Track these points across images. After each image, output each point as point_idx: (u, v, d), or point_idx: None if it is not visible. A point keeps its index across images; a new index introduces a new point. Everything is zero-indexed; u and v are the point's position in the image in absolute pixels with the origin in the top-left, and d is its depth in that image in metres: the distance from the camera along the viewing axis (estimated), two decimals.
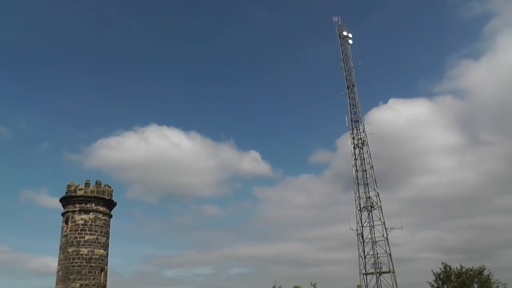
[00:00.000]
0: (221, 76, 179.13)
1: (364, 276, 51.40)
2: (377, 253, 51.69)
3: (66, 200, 29.10)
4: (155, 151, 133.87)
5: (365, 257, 51.92)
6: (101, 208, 29.29)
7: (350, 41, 61.08)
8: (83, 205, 28.69)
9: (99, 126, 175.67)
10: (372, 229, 52.47)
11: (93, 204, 28.95)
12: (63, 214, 29.21)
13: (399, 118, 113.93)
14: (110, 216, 30.24)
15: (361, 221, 53.29)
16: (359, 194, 54.23)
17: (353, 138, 56.45)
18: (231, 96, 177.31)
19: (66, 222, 28.58)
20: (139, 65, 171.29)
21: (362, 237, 52.54)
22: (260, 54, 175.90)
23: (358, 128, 56.63)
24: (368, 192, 53.79)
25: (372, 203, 53.30)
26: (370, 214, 53.08)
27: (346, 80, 59.03)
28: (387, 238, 51.47)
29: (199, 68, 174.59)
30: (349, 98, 58.26)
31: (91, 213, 28.68)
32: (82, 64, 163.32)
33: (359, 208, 53.71)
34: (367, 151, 55.34)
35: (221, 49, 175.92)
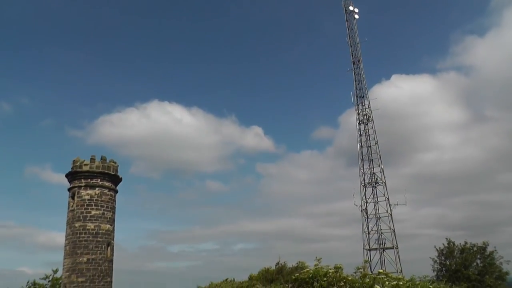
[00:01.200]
0: (222, 52, 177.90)
1: (368, 251, 51.72)
2: (381, 229, 51.91)
3: (72, 176, 29.11)
4: (157, 127, 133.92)
5: (369, 233, 52.15)
6: (107, 184, 29.30)
7: (356, 16, 60.05)
8: (89, 180, 28.69)
9: (100, 103, 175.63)
10: (376, 205, 52.58)
11: (99, 180, 28.95)
12: (69, 190, 29.25)
13: (402, 94, 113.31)
14: (116, 192, 30.27)
15: (365, 197, 53.38)
16: (363, 170, 54.18)
17: (358, 114, 56.10)
18: (232, 72, 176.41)
19: (73, 197, 28.63)
20: (140, 41, 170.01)
21: (366, 213, 52.68)
22: (264, 29, 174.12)
23: (363, 104, 56.23)
24: (373, 168, 53.75)
25: (377, 179, 53.27)
26: (375, 190, 53.12)
27: (352, 55, 58.35)
28: (391, 214, 51.62)
29: (200, 43, 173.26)
30: (354, 73, 57.66)
31: (97, 188, 28.70)
32: (83, 41, 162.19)
33: (363, 184, 53.73)
34: (372, 127, 55.07)
35: (223, 25, 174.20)
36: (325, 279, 12.35)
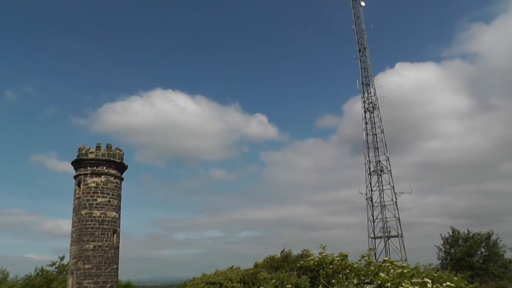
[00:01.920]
0: (225, 39, 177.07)
1: (373, 240, 51.85)
2: (386, 217, 52.01)
3: (77, 163, 29.18)
4: (161, 115, 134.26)
5: (374, 221, 52.25)
6: (113, 171, 29.37)
7: (363, 3, 59.66)
8: (95, 168, 28.74)
9: (104, 91, 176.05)
10: (382, 193, 52.62)
11: (105, 167, 28.99)
12: (75, 177, 29.36)
13: (406, 82, 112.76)
14: (122, 179, 30.37)
15: (371, 185, 53.41)
16: (369, 158, 54.15)
17: (364, 102, 55.95)
18: (236, 60, 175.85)
19: (79, 185, 28.74)
20: (143, 30, 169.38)
21: (371, 201, 52.73)
22: (268, 17, 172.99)
23: (369, 92, 56.06)
24: (378, 156, 53.71)
25: (382, 167, 53.26)
26: (380, 178, 53.13)
27: (358, 43, 58.07)
28: (396, 203, 51.68)
29: (202, 31, 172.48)
30: (360, 61, 57.47)
31: (103, 176, 28.76)
32: (85, 30, 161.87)
33: (368, 172, 53.73)
34: (378, 115, 54.95)
35: (226, 12, 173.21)
36: (330, 266, 12.38)
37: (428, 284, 10.99)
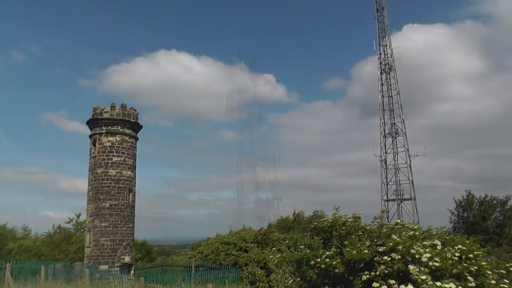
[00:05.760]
0: None
1: (386, 202, 52.00)
2: (399, 180, 51.97)
3: (92, 123, 29.37)
4: (167, 76, 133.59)
5: (387, 184, 52.26)
6: (127, 131, 29.53)
7: None
8: (110, 127, 28.93)
9: (108, 52, 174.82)
10: (396, 155, 52.41)
11: (119, 127, 29.15)
12: (90, 136, 29.63)
13: (415, 44, 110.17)
14: (136, 139, 30.56)
15: (385, 147, 53.17)
16: (384, 120, 53.67)
17: (380, 63, 55.04)
18: (239, 18, 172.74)
19: (94, 144, 29.02)
20: None
21: (386, 163, 52.59)
22: None
23: (385, 53, 55.06)
24: (394, 118, 53.24)
25: (397, 129, 52.86)
26: (395, 140, 52.81)
27: (376, 2, 56.71)
28: (410, 165, 51.50)
29: None
30: (378, 21, 56.25)
31: (118, 136, 28.96)
32: None
33: (383, 135, 53.38)
34: (394, 77, 54.13)
35: None
36: (343, 228, 12.40)
37: (438, 247, 10.97)
